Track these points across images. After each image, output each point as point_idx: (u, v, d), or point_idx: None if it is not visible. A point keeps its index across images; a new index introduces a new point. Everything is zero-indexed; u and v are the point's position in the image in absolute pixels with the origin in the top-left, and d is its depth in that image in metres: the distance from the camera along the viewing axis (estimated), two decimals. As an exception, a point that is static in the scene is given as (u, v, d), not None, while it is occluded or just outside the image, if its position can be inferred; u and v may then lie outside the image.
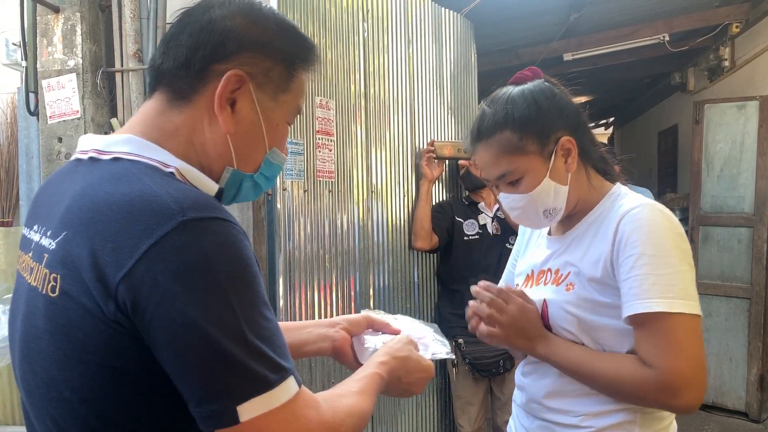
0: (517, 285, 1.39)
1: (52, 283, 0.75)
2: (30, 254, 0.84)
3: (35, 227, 0.86)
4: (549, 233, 1.38)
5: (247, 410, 0.71)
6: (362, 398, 0.89)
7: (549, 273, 1.29)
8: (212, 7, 0.86)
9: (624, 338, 1.18)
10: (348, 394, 0.89)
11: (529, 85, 1.25)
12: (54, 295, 0.74)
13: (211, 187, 0.85)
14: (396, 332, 1.22)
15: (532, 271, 1.35)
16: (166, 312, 0.69)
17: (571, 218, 1.30)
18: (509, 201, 1.26)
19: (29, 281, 0.82)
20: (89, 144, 0.86)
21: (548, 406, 1.28)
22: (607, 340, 1.19)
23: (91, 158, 0.83)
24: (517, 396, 1.39)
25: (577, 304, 1.20)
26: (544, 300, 1.26)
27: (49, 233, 0.80)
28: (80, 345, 0.73)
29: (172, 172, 0.80)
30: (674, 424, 1.26)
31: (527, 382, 1.34)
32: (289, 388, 0.74)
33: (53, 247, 0.77)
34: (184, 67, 0.84)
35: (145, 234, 0.69)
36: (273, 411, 0.72)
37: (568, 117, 1.24)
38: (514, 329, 1.23)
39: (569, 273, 1.23)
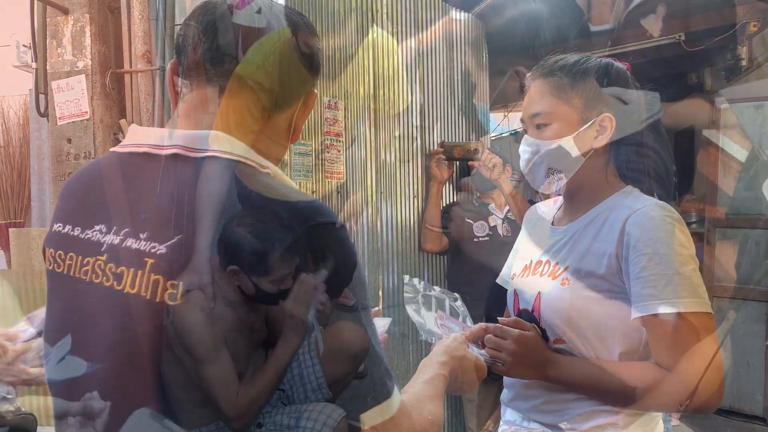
0: (515, 274, 1.38)
1: (171, 290, 0.71)
2: (103, 257, 0.78)
3: (99, 227, 0.80)
4: (552, 223, 1.37)
5: (369, 418, 0.76)
6: (437, 403, 0.94)
7: (547, 265, 1.28)
8: (298, 30, 0.86)
9: (612, 336, 1.17)
10: (426, 399, 0.93)
11: (611, 61, 1.29)
12: (176, 303, 0.71)
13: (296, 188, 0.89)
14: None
15: (531, 261, 1.34)
16: None
17: (576, 208, 1.30)
18: (527, 143, 1.28)
19: (118, 288, 0.75)
20: (158, 138, 0.82)
21: (533, 404, 1.28)
22: (594, 337, 1.19)
23: (174, 155, 0.79)
24: (505, 395, 1.39)
25: (570, 301, 1.19)
26: (538, 293, 1.25)
27: (143, 236, 0.75)
28: None
29: (268, 173, 0.81)
30: (660, 425, 1.24)
31: (514, 380, 1.33)
32: (397, 396, 0.80)
33: (162, 251, 0.73)
34: (286, 85, 0.86)
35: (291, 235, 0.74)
36: (391, 419, 0.78)
37: (625, 107, 1.25)
38: (518, 361, 1.21)
39: (567, 268, 1.22)
